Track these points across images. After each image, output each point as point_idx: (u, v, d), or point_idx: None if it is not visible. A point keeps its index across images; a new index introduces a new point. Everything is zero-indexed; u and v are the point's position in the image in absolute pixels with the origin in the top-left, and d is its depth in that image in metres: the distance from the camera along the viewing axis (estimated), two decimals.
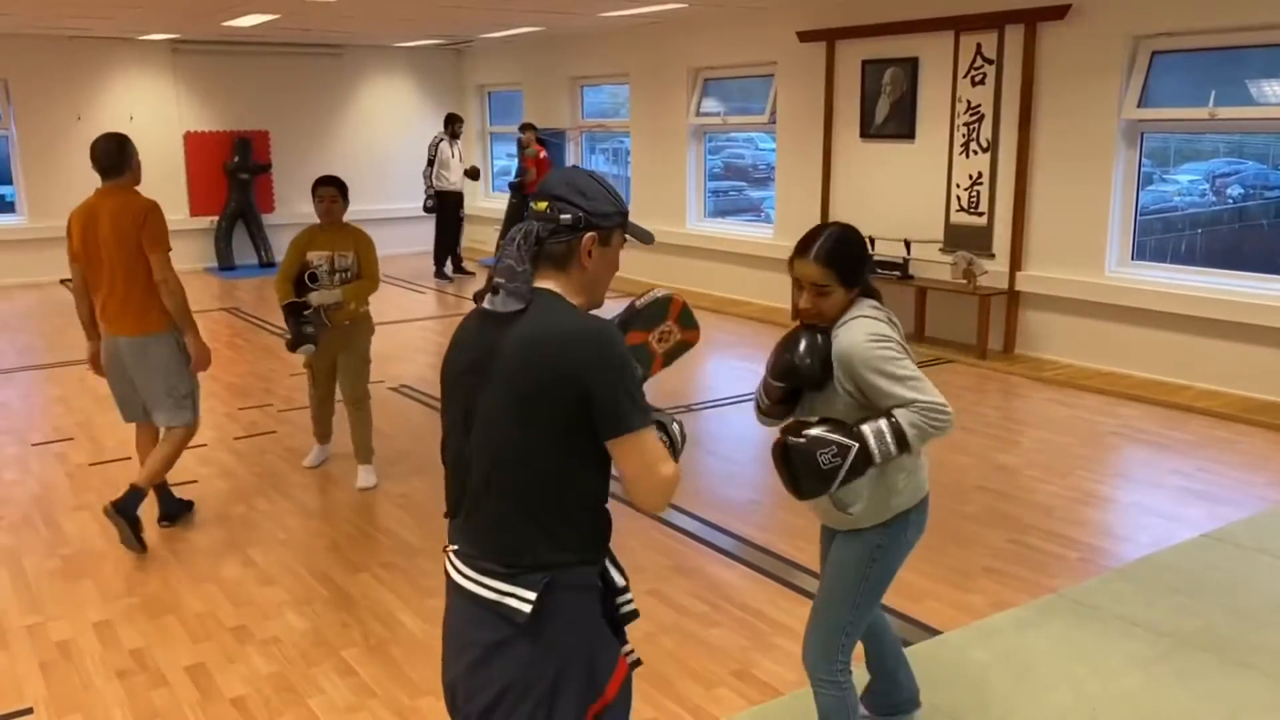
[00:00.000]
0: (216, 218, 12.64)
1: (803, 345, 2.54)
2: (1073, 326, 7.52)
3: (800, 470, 2.45)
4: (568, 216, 1.94)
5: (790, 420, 2.60)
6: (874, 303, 2.59)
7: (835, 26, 8.85)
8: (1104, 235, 7.29)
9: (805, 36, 9.09)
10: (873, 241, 8.53)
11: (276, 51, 12.75)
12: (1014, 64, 7.60)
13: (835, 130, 9.07)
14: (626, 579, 2.07)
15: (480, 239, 13.62)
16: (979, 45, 7.80)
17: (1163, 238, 7.93)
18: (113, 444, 6.04)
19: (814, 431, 2.43)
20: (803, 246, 2.55)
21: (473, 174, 12.21)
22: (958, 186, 8.11)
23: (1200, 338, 6.81)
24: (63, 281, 11.82)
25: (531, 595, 1.88)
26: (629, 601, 2.07)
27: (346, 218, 5.26)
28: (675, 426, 2.07)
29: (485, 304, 1.94)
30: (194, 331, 4.63)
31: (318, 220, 5.22)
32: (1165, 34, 6.88)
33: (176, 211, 12.54)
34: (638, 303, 2.26)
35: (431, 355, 8.36)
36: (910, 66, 8.36)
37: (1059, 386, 7.11)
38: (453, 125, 11.99)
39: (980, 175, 7.94)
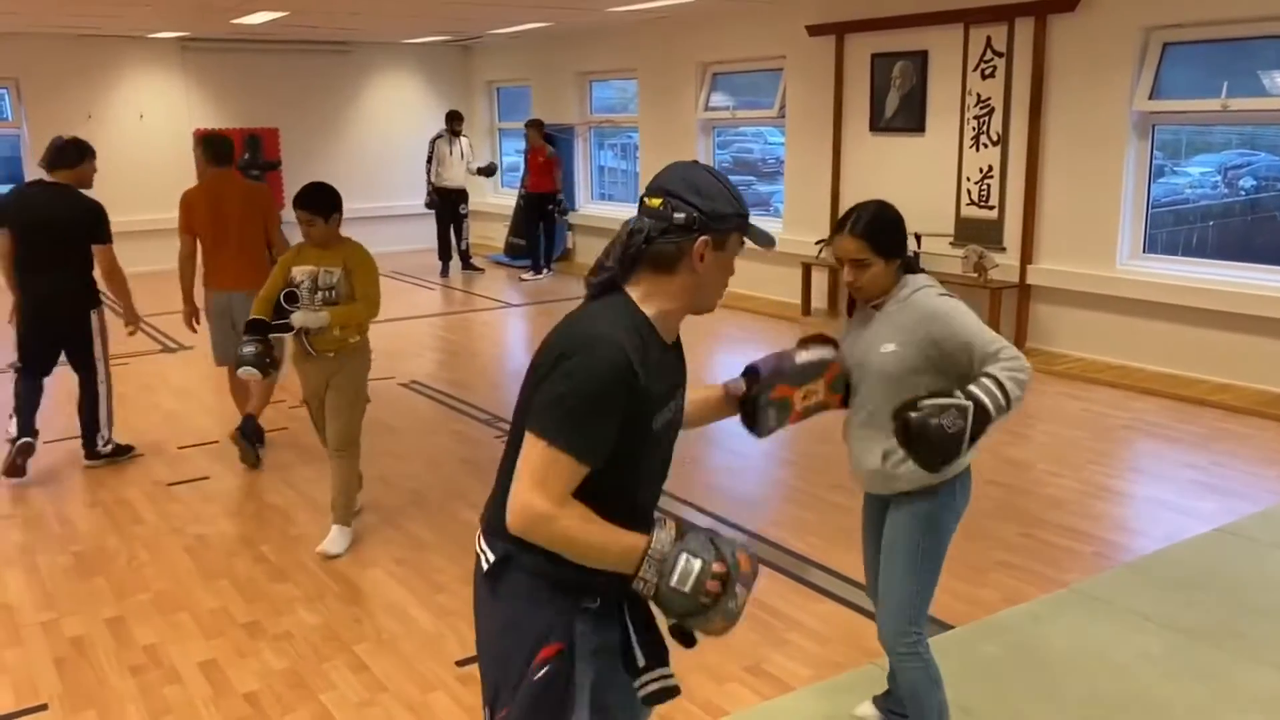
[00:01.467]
0: None
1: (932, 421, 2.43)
2: (1084, 320, 7.49)
3: (929, 442, 2.40)
4: (681, 216, 1.83)
5: (898, 404, 2.55)
6: (927, 276, 2.67)
7: (844, 20, 8.82)
8: (1115, 228, 7.25)
9: (814, 30, 9.06)
10: None
11: (285, 49, 12.77)
12: (1024, 57, 7.56)
13: (845, 124, 9.04)
14: (657, 662, 2.00)
15: (489, 235, 13.62)
16: (989, 38, 7.76)
17: (1174, 230, 7.89)
18: (125, 441, 6.06)
19: (928, 402, 2.41)
20: (840, 224, 2.65)
21: (488, 171, 12.20)
22: (968, 180, 8.08)
23: (1213, 331, 6.77)
24: None
25: (491, 555, 1.91)
26: (653, 682, 1.99)
27: (349, 222, 4.59)
28: (681, 561, 1.80)
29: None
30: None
31: None
32: (1176, 25, 6.83)
33: None
34: (799, 357, 2.22)
35: (440, 352, 8.37)
36: (920, 60, 8.33)
37: (1070, 380, 7.09)
38: (452, 123, 11.98)
39: (991, 168, 7.91)
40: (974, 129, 7.98)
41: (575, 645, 1.89)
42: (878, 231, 2.60)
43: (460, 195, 12.01)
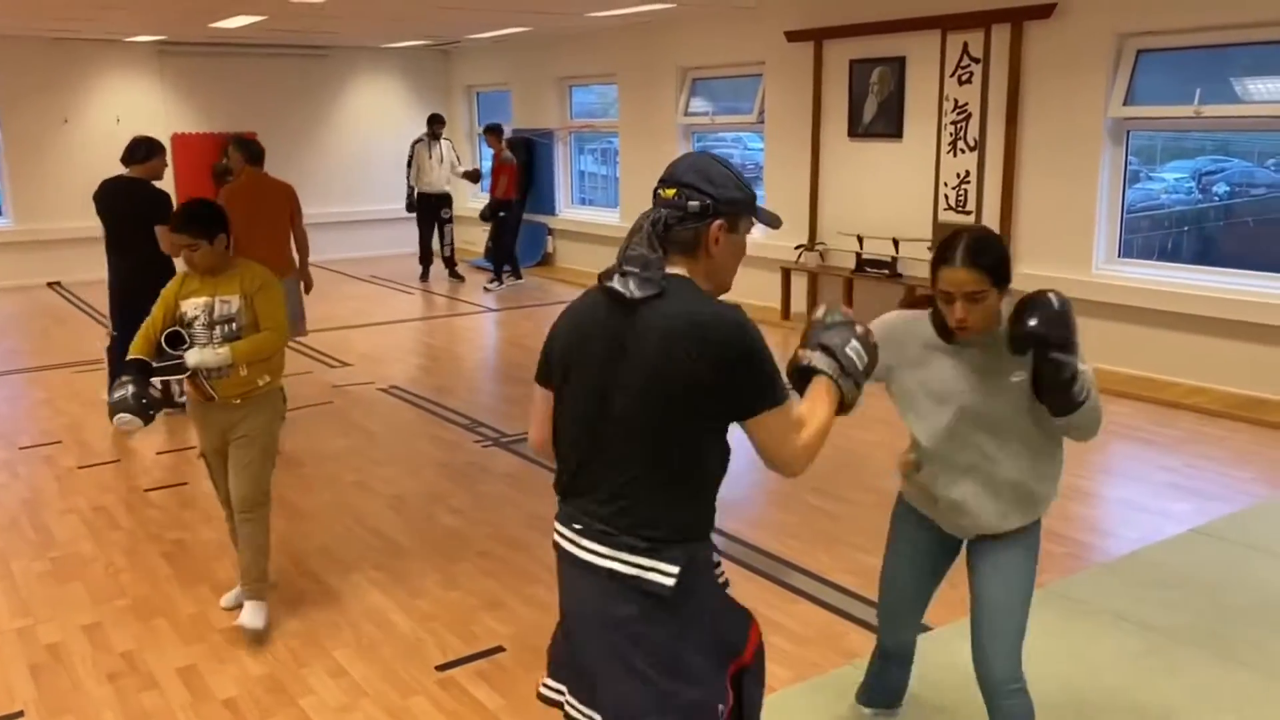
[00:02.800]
0: None
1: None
2: None
3: (1068, 320, 2.35)
4: (695, 204, 1.97)
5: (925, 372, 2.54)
6: (1012, 299, 2.49)
7: (823, 26, 8.87)
8: (1091, 233, 7.32)
9: (793, 36, 9.11)
10: (860, 240, 8.57)
11: (264, 53, 12.73)
12: (1000, 63, 7.63)
13: (823, 129, 9.09)
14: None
15: (470, 240, 13.60)
16: (966, 44, 7.83)
17: (1150, 235, 7.97)
18: (101, 447, 6.03)
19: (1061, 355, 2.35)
20: (944, 255, 2.38)
21: (472, 176, 12.15)
22: (945, 185, 8.14)
23: (1187, 334, 6.85)
24: (50, 285, 11.78)
25: (674, 569, 1.96)
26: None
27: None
28: (852, 348, 2.11)
29: (616, 286, 1.95)
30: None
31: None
32: (1150, 33, 6.92)
33: None
34: (829, 319, 2.21)
35: (421, 357, 8.35)
36: (897, 66, 8.39)
37: None
38: (433, 126, 11.93)
39: (968, 174, 7.97)
40: (951, 134, 8.04)
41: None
42: (992, 258, 2.36)
43: (442, 200, 11.95)
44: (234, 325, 3.69)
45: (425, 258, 12.06)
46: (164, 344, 3.68)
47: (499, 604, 4.02)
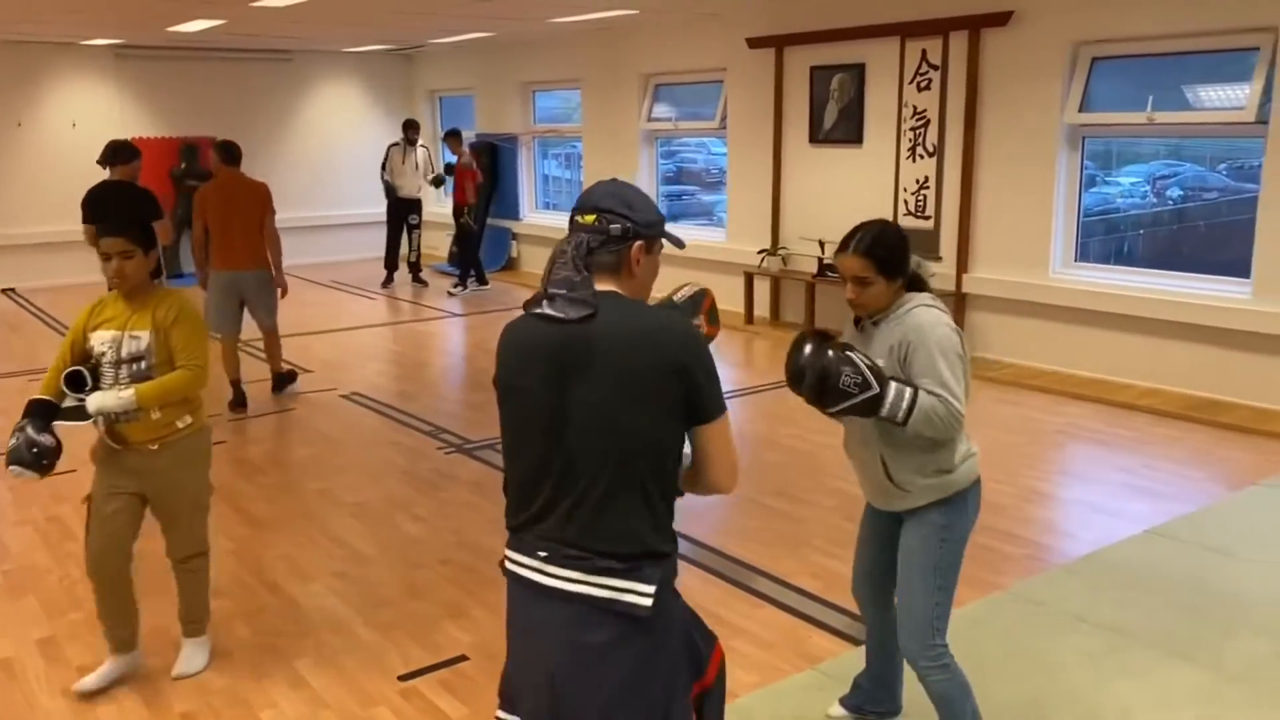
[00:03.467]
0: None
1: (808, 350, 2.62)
2: (1018, 327, 7.65)
3: (819, 372, 2.55)
4: (617, 227, 2.02)
5: (844, 340, 2.73)
6: (931, 295, 2.74)
7: (784, 33, 8.92)
8: (1048, 237, 7.42)
9: (754, 43, 9.16)
10: (822, 245, 8.62)
11: (223, 57, 12.60)
12: (959, 70, 7.72)
13: (785, 135, 9.15)
14: None
15: (434, 245, 13.54)
16: (924, 51, 7.91)
17: (1106, 239, 8.09)
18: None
19: (855, 356, 2.57)
20: (844, 243, 2.72)
21: (435, 182, 12.07)
22: (905, 190, 8.22)
23: (1143, 337, 6.95)
24: (4, 291, 11.58)
25: (650, 589, 1.96)
26: None
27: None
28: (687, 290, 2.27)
29: (548, 311, 1.97)
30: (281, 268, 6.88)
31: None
32: (1104, 40, 7.02)
33: None
34: (676, 297, 2.34)
35: (383, 362, 8.30)
36: (857, 72, 8.46)
37: (1005, 386, 7.23)
38: (408, 131, 11.89)
39: (927, 179, 8.05)
40: (910, 140, 8.12)
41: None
42: (880, 249, 2.66)
43: (413, 205, 11.90)
44: (143, 364, 3.27)
45: (391, 263, 11.99)
46: (64, 385, 3.27)
47: (462, 612, 4.00)
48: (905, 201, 8.22)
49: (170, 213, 12.32)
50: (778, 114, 9.14)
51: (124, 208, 6.20)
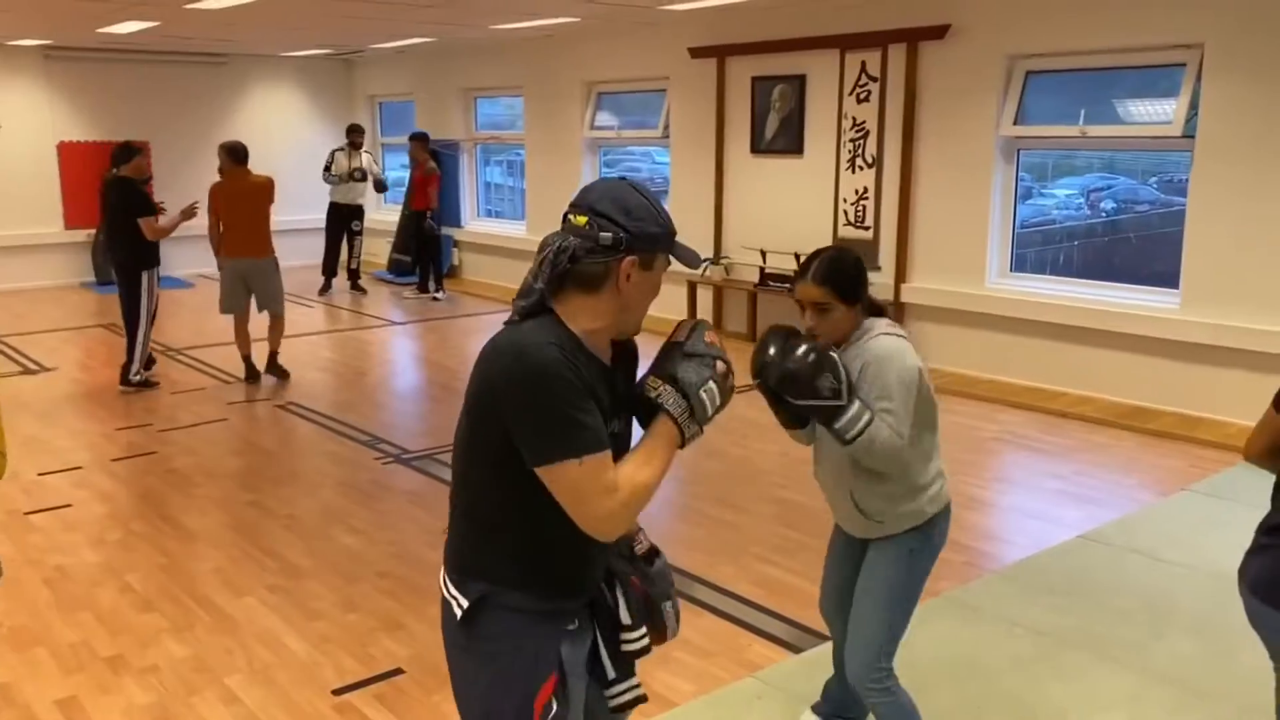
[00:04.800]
0: (93, 231, 12.13)
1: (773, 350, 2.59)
2: (955, 336, 7.75)
3: (801, 373, 2.51)
4: (608, 235, 1.80)
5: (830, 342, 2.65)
6: (889, 321, 2.71)
7: (726, 43, 8.98)
8: (984, 248, 7.54)
9: (696, 52, 9.20)
10: (764, 255, 8.68)
11: (157, 59, 12.34)
12: (897, 82, 7.82)
13: (727, 145, 9.19)
14: (622, 673, 2.07)
15: (373, 252, 13.37)
16: (864, 63, 8.00)
17: (1042, 250, 8.25)
18: None
19: (841, 365, 2.54)
20: (801, 270, 2.67)
21: (378, 187, 11.89)
22: (844, 201, 8.30)
23: (1075, 346, 7.09)
24: None
25: (464, 601, 1.89)
26: (624, 693, 2.07)
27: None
28: (706, 391, 1.85)
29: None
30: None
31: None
32: (1038, 55, 7.16)
33: (50, 224, 12.04)
34: (686, 341, 1.98)
35: (319, 371, 8.17)
36: (798, 83, 8.53)
37: (942, 394, 7.29)
38: (352, 136, 11.74)
39: (866, 190, 8.14)
40: (850, 151, 8.21)
41: (565, 669, 1.94)
42: (839, 276, 2.63)
43: (354, 211, 11.75)
44: None
45: (329, 269, 11.82)
46: None
47: (398, 625, 3.94)
48: (845, 212, 8.31)
49: (99, 218, 12.07)
50: (720, 123, 9.18)
51: (110, 200, 7.29)
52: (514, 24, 9.41)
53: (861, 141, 8.11)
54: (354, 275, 11.91)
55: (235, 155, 7.63)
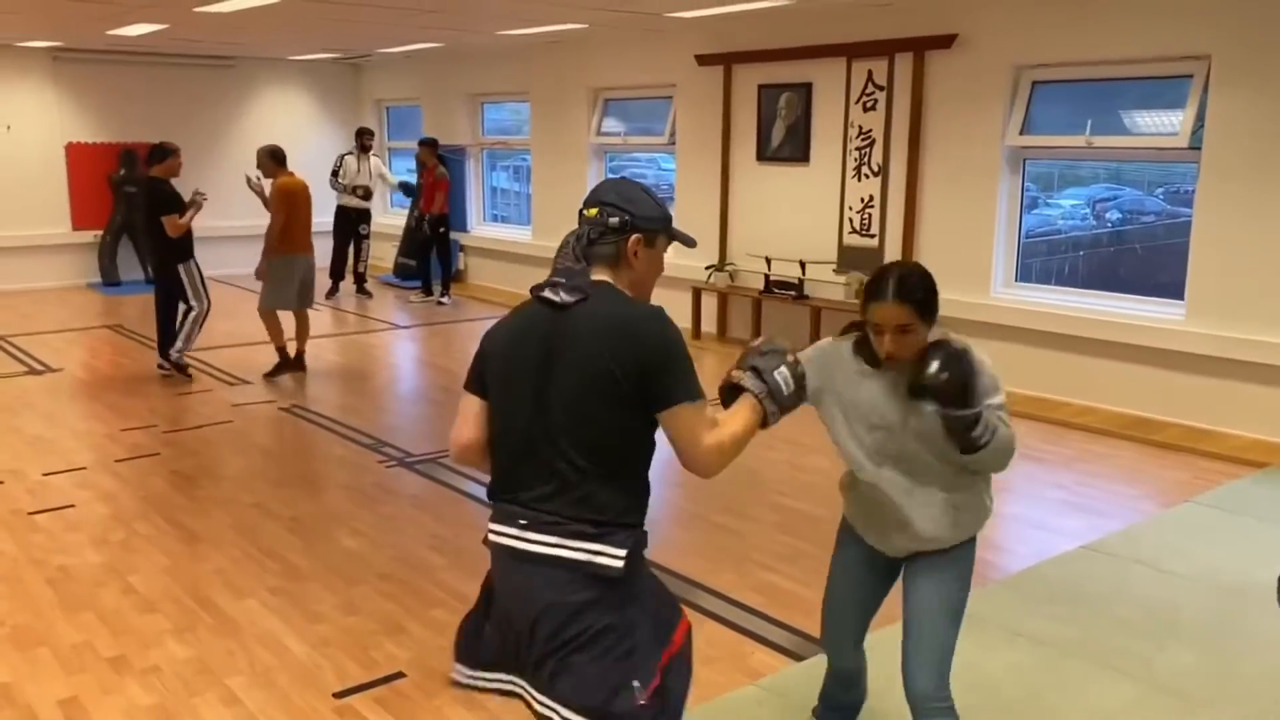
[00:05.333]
0: (100, 232, 12.19)
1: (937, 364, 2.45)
2: None
3: (964, 377, 2.42)
4: (615, 220, 2.17)
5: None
6: (942, 328, 2.60)
7: (733, 50, 8.99)
8: (989, 257, 7.54)
9: (703, 60, 9.22)
10: (769, 262, 8.68)
11: (165, 62, 12.38)
12: (904, 91, 7.82)
13: (733, 152, 9.20)
14: None
15: (379, 256, 13.40)
16: (870, 72, 8.01)
17: (1047, 260, 8.24)
18: None
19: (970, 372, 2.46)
20: (876, 292, 2.48)
21: (362, 194, 11.81)
22: (850, 209, 8.30)
23: (1079, 356, 7.08)
24: None
25: (622, 552, 2.09)
26: None
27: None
28: (780, 373, 2.22)
29: (548, 294, 2.13)
30: None
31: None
32: (1045, 65, 7.17)
33: (57, 225, 12.07)
34: (764, 348, 2.31)
35: (322, 375, 8.18)
36: (805, 91, 8.55)
37: None
38: (361, 139, 11.75)
39: (872, 198, 8.14)
40: (856, 160, 8.21)
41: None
42: (921, 293, 2.48)
43: (363, 215, 11.77)
44: None
45: (337, 273, 11.83)
46: None
47: (399, 628, 3.95)
48: (850, 220, 8.31)
49: (106, 220, 12.12)
50: (726, 131, 9.19)
51: (140, 199, 7.93)
52: (521, 30, 9.44)
53: (867, 150, 8.12)
54: (360, 279, 11.93)
55: (280, 159, 7.94)
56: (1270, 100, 6.07)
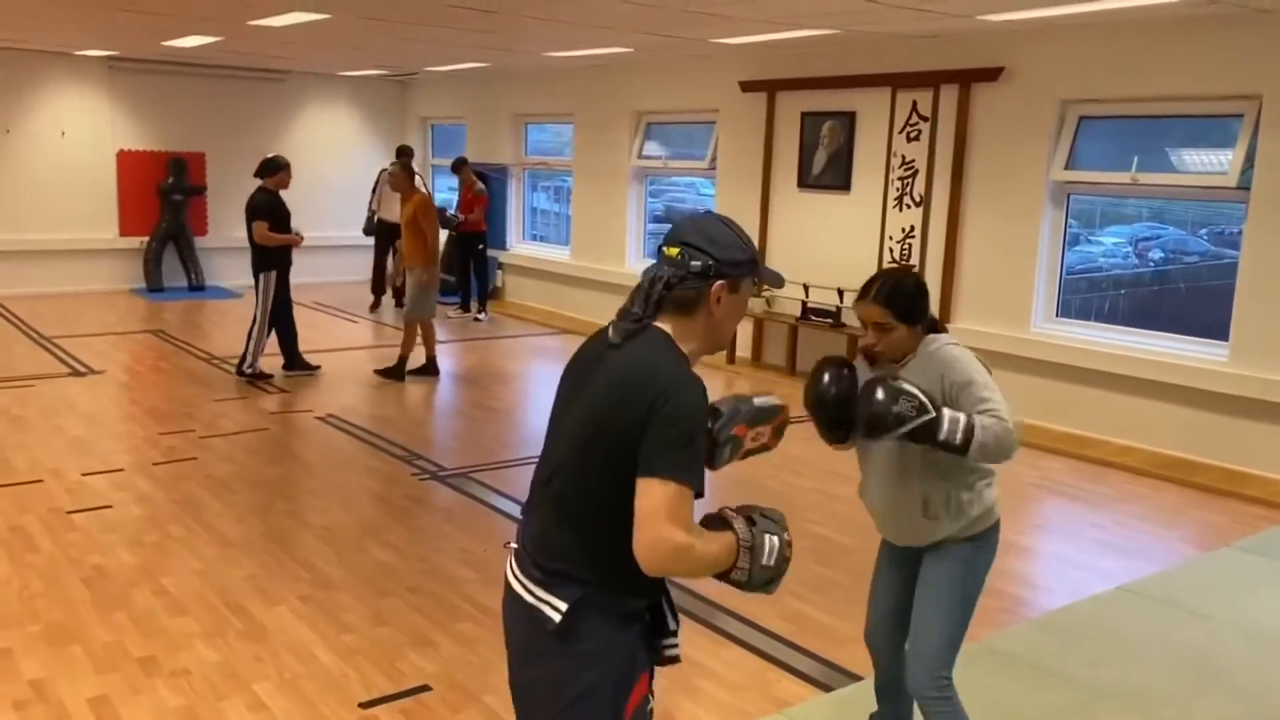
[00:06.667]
0: (147, 238, 12.39)
1: (826, 377, 2.76)
2: (998, 379, 7.61)
3: (876, 404, 2.60)
4: (698, 264, 1.99)
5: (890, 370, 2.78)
6: (950, 337, 2.80)
7: (776, 78, 9.01)
8: (1030, 291, 7.47)
9: (747, 86, 9.24)
10: (806, 289, 8.66)
11: (217, 74, 12.59)
12: (948, 122, 7.80)
13: (773, 179, 9.21)
14: (679, 623, 2.16)
15: None
16: (915, 102, 7.99)
17: (1088, 296, 8.16)
18: (23, 466, 5.86)
19: (906, 385, 2.63)
20: (863, 291, 2.81)
21: (446, 224, 11.83)
22: (890, 239, 8.27)
23: (1119, 394, 6.99)
24: None
25: (562, 605, 1.96)
26: (674, 646, 2.15)
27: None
28: (770, 540, 2.05)
29: (609, 331, 2.05)
30: None
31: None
32: (1092, 100, 7.12)
33: (106, 230, 12.29)
34: (756, 400, 2.25)
35: (361, 385, 8.24)
36: (848, 120, 8.54)
37: None
38: (401, 158, 11.85)
39: (912, 229, 8.11)
40: (898, 189, 8.19)
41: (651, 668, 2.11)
42: (900, 297, 2.75)
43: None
44: None
45: (378, 287, 11.94)
46: None
47: (427, 641, 3.95)
48: (891, 249, 8.28)
49: (153, 227, 12.32)
50: (767, 157, 9.20)
51: (246, 210, 7.92)
52: (567, 52, 9.51)
53: (910, 180, 8.09)
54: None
55: (413, 175, 8.62)
56: None
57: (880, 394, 2.61)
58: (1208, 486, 6.20)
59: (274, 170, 7.98)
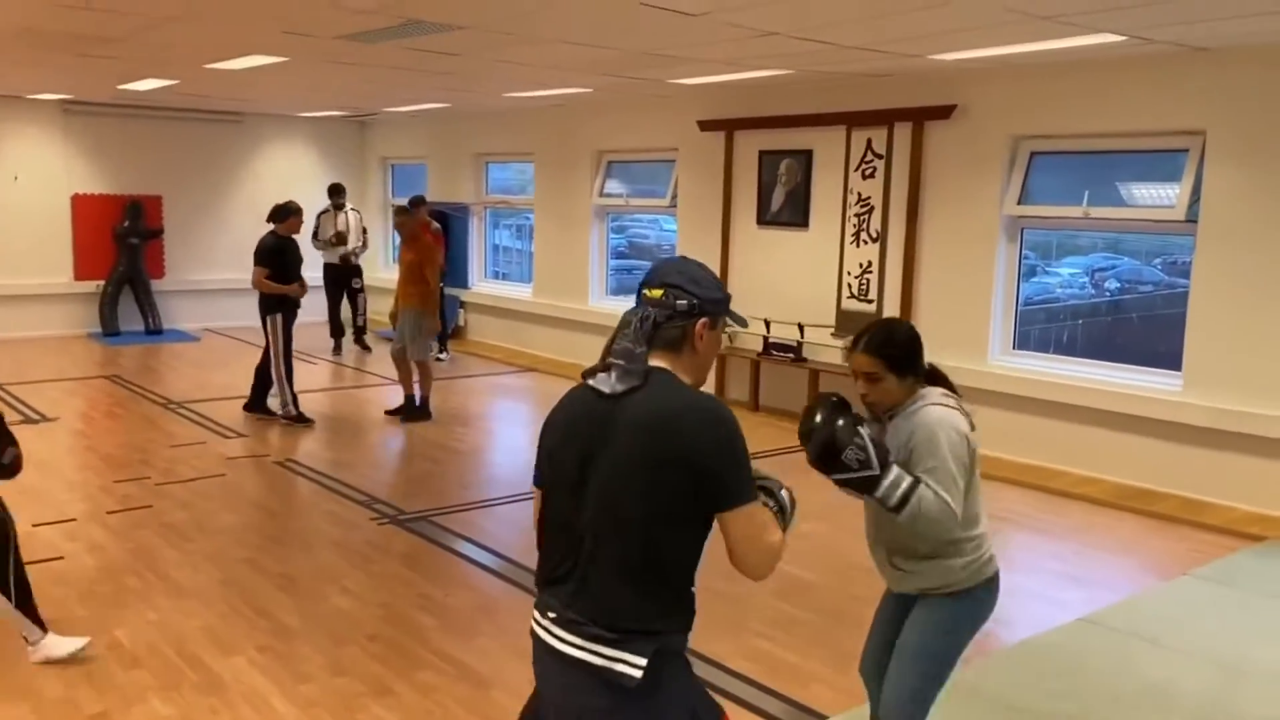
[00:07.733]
0: (102, 282, 12.24)
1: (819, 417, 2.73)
2: None
3: (828, 439, 2.64)
4: (684, 303, 2.11)
5: (860, 415, 2.78)
6: (944, 391, 2.83)
7: (734, 117, 9.11)
8: (987, 325, 7.56)
9: (705, 125, 9.34)
10: (768, 325, 8.70)
11: (173, 116, 12.53)
12: (902, 159, 7.91)
13: (733, 216, 9.28)
14: None
15: (379, 310, 13.43)
16: (869, 140, 8.11)
17: (1046, 327, 8.27)
18: None
19: (864, 432, 2.66)
20: (854, 341, 2.85)
21: (335, 240, 11.59)
22: (848, 274, 8.35)
23: (1078, 425, 7.07)
24: None
25: (642, 661, 2.00)
26: None
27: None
28: (785, 494, 2.20)
29: (596, 383, 2.09)
30: None
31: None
32: (1043, 136, 7.26)
33: (60, 274, 12.13)
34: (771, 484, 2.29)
35: (319, 429, 8.15)
36: (805, 158, 8.64)
37: None
38: (334, 197, 11.72)
39: (870, 264, 8.19)
40: (855, 226, 8.28)
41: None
42: (889, 347, 2.79)
43: (354, 270, 11.80)
44: None
45: (336, 330, 11.85)
46: None
47: (387, 690, 3.89)
48: (849, 285, 8.35)
49: (109, 270, 12.16)
50: (727, 195, 9.28)
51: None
52: (527, 92, 9.57)
53: (866, 216, 8.19)
54: (359, 332, 11.96)
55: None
56: (1264, 175, 6.14)
57: (837, 437, 2.63)
58: (1166, 515, 6.27)
59: (284, 216, 8.01)
